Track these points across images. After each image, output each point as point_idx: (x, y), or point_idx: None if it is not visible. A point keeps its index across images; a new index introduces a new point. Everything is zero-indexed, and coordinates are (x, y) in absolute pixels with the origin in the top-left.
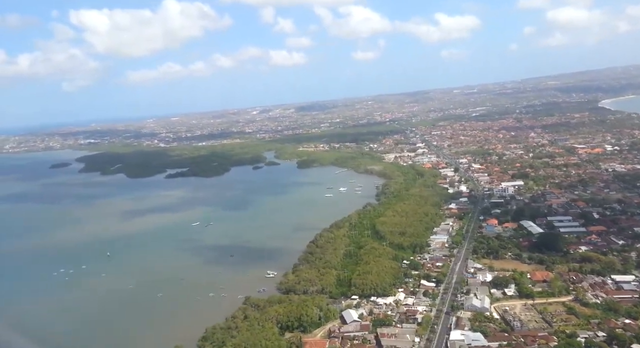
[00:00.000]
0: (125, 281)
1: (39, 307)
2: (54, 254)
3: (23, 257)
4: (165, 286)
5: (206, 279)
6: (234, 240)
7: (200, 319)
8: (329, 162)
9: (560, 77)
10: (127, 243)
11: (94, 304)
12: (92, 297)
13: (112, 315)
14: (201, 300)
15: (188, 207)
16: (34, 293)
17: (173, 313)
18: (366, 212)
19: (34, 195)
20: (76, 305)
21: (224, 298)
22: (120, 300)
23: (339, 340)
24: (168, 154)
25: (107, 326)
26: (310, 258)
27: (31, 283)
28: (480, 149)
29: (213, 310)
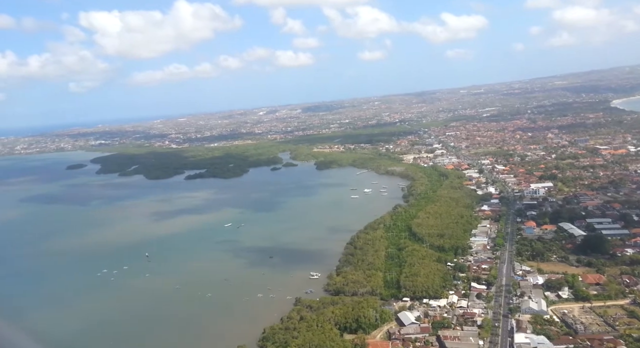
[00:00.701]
0: (170, 282)
1: (94, 306)
2: (94, 255)
3: (64, 257)
4: (211, 287)
5: (250, 280)
6: (270, 241)
7: (254, 319)
8: (348, 164)
9: (567, 77)
10: (163, 244)
11: (146, 304)
12: (142, 297)
13: (167, 315)
14: (250, 300)
15: (216, 209)
16: (85, 292)
17: (226, 314)
18: (398, 214)
19: (60, 197)
20: (129, 305)
21: (273, 299)
22: (171, 301)
23: (400, 342)
24: (182, 155)
25: (164, 325)
26: (352, 259)
27: (79, 283)
28: (499, 150)
29: (265, 311)
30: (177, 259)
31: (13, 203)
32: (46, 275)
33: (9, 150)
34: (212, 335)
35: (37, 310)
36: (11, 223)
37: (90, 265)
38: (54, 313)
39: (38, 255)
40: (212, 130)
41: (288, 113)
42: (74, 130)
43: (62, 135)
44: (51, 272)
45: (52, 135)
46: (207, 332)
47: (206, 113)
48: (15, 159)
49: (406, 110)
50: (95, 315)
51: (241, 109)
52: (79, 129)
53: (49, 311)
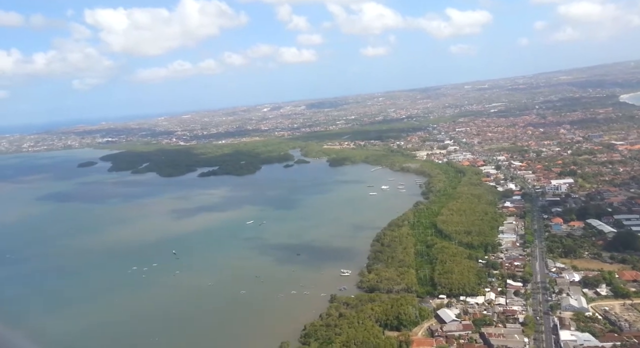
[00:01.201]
0: (201, 279)
1: (129, 302)
2: (120, 253)
3: (92, 255)
4: (243, 284)
5: (281, 277)
6: (294, 239)
7: (292, 316)
8: (360, 160)
9: (572, 72)
10: (187, 242)
11: (182, 300)
12: (177, 294)
13: (204, 311)
14: (285, 297)
15: (235, 206)
16: (118, 289)
17: (263, 310)
18: (420, 211)
19: (76, 195)
20: (165, 301)
21: (307, 296)
22: (206, 297)
23: (443, 339)
24: (191, 152)
25: (204, 322)
26: (381, 257)
27: (112, 280)
28: (513, 146)
29: (301, 307)
30: (204, 256)
31: (30, 201)
32: (77, 273)
33: (16, 148)
34: (253, 332)
35: (75, 307)
36: (32, 221)
37: (119, 263)
38: (91, 309)
39: (65, 253)
40: (218, 127)
41: (292, 109)
42: (78, 128)
43: (68, 132)
44: (81, 270)
45: (57, 133)
46: (246, 328)
47: (210, 110)
48: (23, 157)
49: (411, 106)
50: (133, 311)
51: (244, 106)
52: (83, 126)
53: (87, 307)
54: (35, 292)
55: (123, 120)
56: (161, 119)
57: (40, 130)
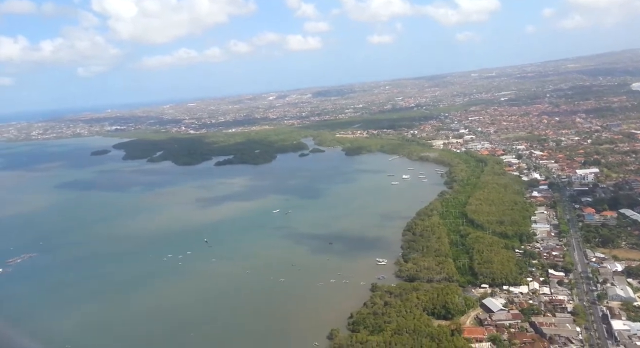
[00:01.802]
0: (238, 267)
1: (171, 289)
2: (151, 240)
3: (124, 243)
4: (281, 272)
5: (317, 266)
6: (323, 228)
7: (335, 304)
8: (376, 149)
9: (580, 60)
10: (217, 230)
11: (224, 288)
12: (217, 281)
13: (248, 298)
14: (325, 285)
15: (259, 195)
16: (158, 276)
17: (304, 298)
18: (447, 200)
19: (96, 183)
20: (207, 289)
21: (347, 284)
22: (247, 285)
23: (493, 328)
24: (203, 141)
25: (248, 308)
26: (415, 246)
27: (149, 268)
28: (530, 135)
29: (342, 296)
30: (236, 245)
31: (50, 189)
32: (113, 260)
33: (26, 136)
34: (298, 319)
35: (118, 293)
36: (56, 209)
37: (153, 250)
38: (136, 296)
39: (96, 240)
40: (225, 115)
41: (298, 98)
42: (86, 116)
43: (75, 120)
44: (117, 257)
45: (65, 121)
46: (291, 315)
47: (215, 98)
48: (34, 145)
49: (419, 94)
50: (178, 298)
51: (250, 94)
52: (90, 114)
53: (131, 294)
54: (79, 279)
55: (128, 107)
56: (167, 107)
57: (47, 117)
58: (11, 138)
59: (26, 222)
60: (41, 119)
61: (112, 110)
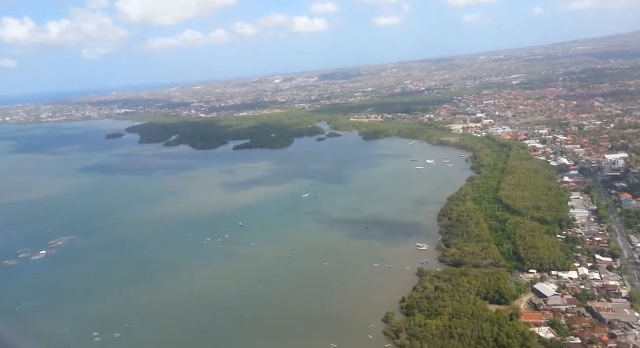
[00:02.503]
0: (278, 250)
1: (218, 272)
2: (187, 224)
3: (158, 226)
4: (322, 256)
5: (357, 250)
6: (355, 213)
7: (382, 288)
8: (394, 134)
9: (589, 42)
10: (250, 214)
11: (267, 270)
12: (260, 265)
13: (296, 282)
14: (370, 270)
15: (284, 180)
16: (202, 259)
17: (351, 282)
18: (477, 186)
19: (117, 166)
20: (251, 271)
21: (391, 269)
22: (291, 268)
23: (550, 313)
24: (216, 124)
25: (300, 291)
26: (455, 231)
27: (191, 250)
28: (550, 120)
29: (388, 280)
30: (271, 229)
31: (72, 173)
32: (152, 243)
33: (35, 118)
34: (349, 302)
35: (164, 275)
36: (83, 193)
37: (189, 234)
38: (181, 278)
39: (131, 223)
40: (233, 98)
41: (305, 81)
42: (92, 98)
43: (83, 103)
44: (155, 240)
45: (73, 103)
46: (342, 299)
47: (221, 81)
48: (46, 127)
49: (428, 77)
50: (225, 281)
51: (255, 77)
52: (95, 96)
53: (176, 276)
54: (122, 261)
55: (133, 90)
56: (173, 90)
57: (52, 99)
58: (21, 120)
59: (57, 205)
60: (47, 101)
61: (118, 93)
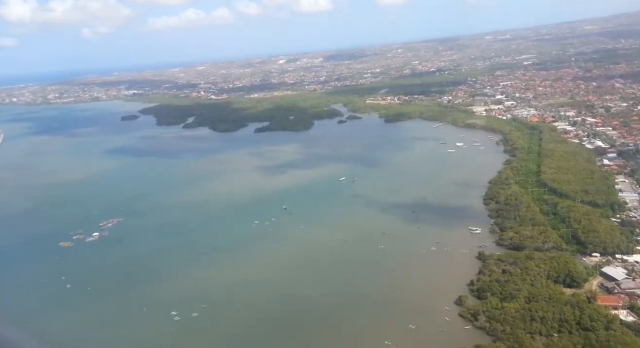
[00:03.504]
0: (329, 233)
1: (278, 256)
2: (230, 207)
3: (203, 208)
4: (375, 239)
5: (409, 234)
6: (397, 196)
7: (445, 271)
8: (416, 116)
9: (596, 21)
10: (290, 197)
11: (327, 254)
12: (315, 247)
13: (355, 265)
14: (427, 253)
15: (317, 163)
16: (256, 241)
17: (412, 266)
18: (517, 169)
19: (145, 149)
20: (312, 255)
21: (449, 253)
22: (347, 252)
23: (625, 296)
24: (230, 107)
25: (363, 275)
26: (506, 215)
27: (242, 233)
28: (573, 101)
29: (449, 263)
30: (315, 212)
31: (100, 155)
32: (201, 225)
33: (43, 99)
34: (415, 286)
35: (221, 258)
36: (116, 176)
37: (236, 217)
38: (239, 261)
39: (173, 206)
40: (240, 80)
41: (310, 62)
42: (95, 79)
43: (88, 83)
44: (203, 223)
45: (77, 84)
46: (407, 282)
47: (224, 61)
48: (57, 109)
49: (436, 58)
50: (283, 264)
51: (259, 58)
52: (99, 77)
53: (234, 259)
54: (176, 244)
55: (134, 70)
56: (177, 70)
57: (55, 80)
58: (29, 102)
59: (94, 188)
60: (50, 81)
61: (120, 73)
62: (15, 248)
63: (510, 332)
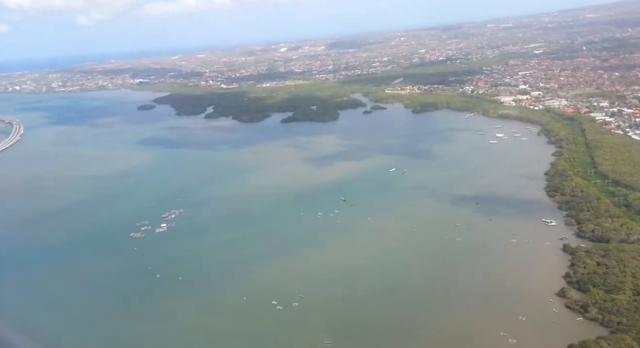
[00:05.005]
0: (400, 225)
1: (354, 248)
2: (287, 199)
3: (260, 201)
4: (449, 230)
5: (481, 226)
6: (456, 188)
7: (534, 264)
8: (443, 107)
9: (598, 9)
10: (347, 189)
11: (405, 246)
12: (394, 239)
13: (438, 257)
14: (508, 245)
15: (362, 155)
16: (328, 234)
17: (498, 257)
18: (569, 160)
19: (176, 140)
20: (390, 247)
21: (530, 245)
22: (425, 243)
23: None
24: (246, 96)
25: (449, 266)
26: (577, 207)
27: (311, 225)
28: (600, 91)
29: (535, 256)
30: (377, 203)
31: (132, 146)
32: (267, 218)
33: (48, 88)
34: (510, 277)
35: (297, 250)
36: (159, 167)
37: (297, 208)
38: (316, 253)
39: (228, 198)
40: (246, 68)
41: (312, 50)
42: (96, 67)
43: (89, 71)
44: (268, 215)
45: (77, 72)
46: (499, 273)
47: (224, 49)
48: (66, 98)
49: (442, 46)
50: (363, 256)
51: (259, 45)
52: (96, 64)
53: (311, 251)
54: (247, 235)
55: (132, 57)
56: (176, 58)
57: (53, 68)
58: (34, 90)
59: (141, 179)
60: (42, 68)
61: (117, 61)
62: (89, 240)
63: (629, 324)
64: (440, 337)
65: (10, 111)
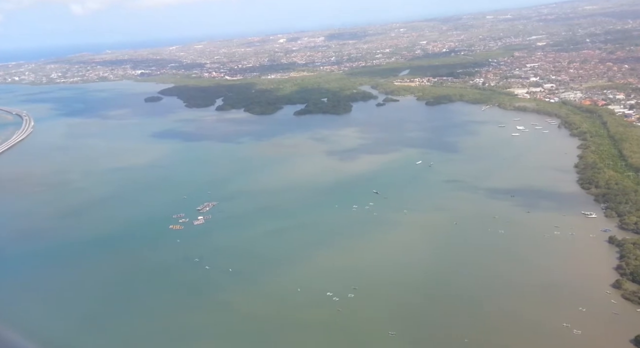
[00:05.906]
0: (437, 218)
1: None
2: (319, 192)
3: (291, 194)
4: (489, 223)
5: (521, 218)
6: (488, 180)
7: (583, 256)
8: (456, 99)
9: (595, 1)
10: (377, 182)
11: (449, 239)
12: (436, 232)
13: (484, 249)
14: (552, 237)
15: (386, 148)
16: (366, 226)
17: (546, 249)
18: (597, 153)
19: (193, 133)
20: (435, 240)
21: (575, 237)
22: (469, 236)
23: None
24: (253, 88)
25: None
26: (615, 199)
27: (348, 218)
28: (613, 84)
29: (582, 248)
30: (410, 196)
31: (148, 138)
32: (302, 211)
33: (48, 79)
34: (561, 269)
35: (350, 241)
36: (181, 160)
37: (331, 202)
38: (358, 245)
39: (262, 191)
40: (247, 60)
41: (312, 41)
42: (94, 57)
43: (87, 62)
44: (302, 208)
45: (77, 62)
46: (549, 266)
47: (221, 39)
48: (69, 89)
49: (443, 38)
50: (407, 248)
51: (256, 36)
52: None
53: (352, 242)
54: (288, 227)
55: (127, 47)
56: (174, 49)
57: (49, 58)
58: (33, 81)
59: (168, 172)
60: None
61: (113, 51)
62: (129, 232)
63: None
64: (508, 326)
65: (15, 102)
